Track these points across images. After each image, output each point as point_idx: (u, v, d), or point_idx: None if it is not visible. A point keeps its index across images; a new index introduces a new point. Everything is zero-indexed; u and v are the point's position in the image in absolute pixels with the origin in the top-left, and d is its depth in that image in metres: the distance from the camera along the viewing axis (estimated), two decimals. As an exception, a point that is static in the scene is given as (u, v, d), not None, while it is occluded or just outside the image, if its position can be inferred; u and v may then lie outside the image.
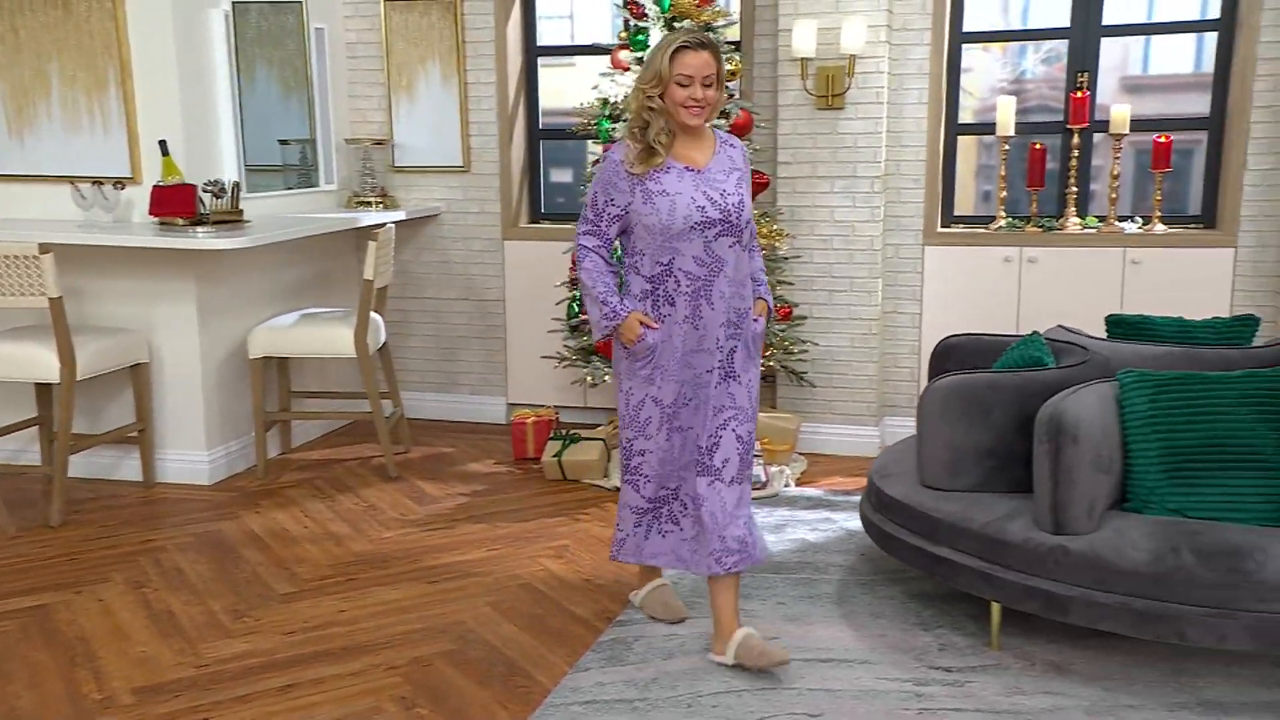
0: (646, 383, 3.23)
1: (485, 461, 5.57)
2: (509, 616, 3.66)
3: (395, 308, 6.35)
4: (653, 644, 3.42)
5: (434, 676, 3.22)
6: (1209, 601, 2.89)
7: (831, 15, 5.24)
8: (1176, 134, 5.33)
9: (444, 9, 6.10)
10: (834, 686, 3.14)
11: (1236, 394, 3.11)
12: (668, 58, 3.05)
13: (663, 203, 3.09)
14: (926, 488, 3.55)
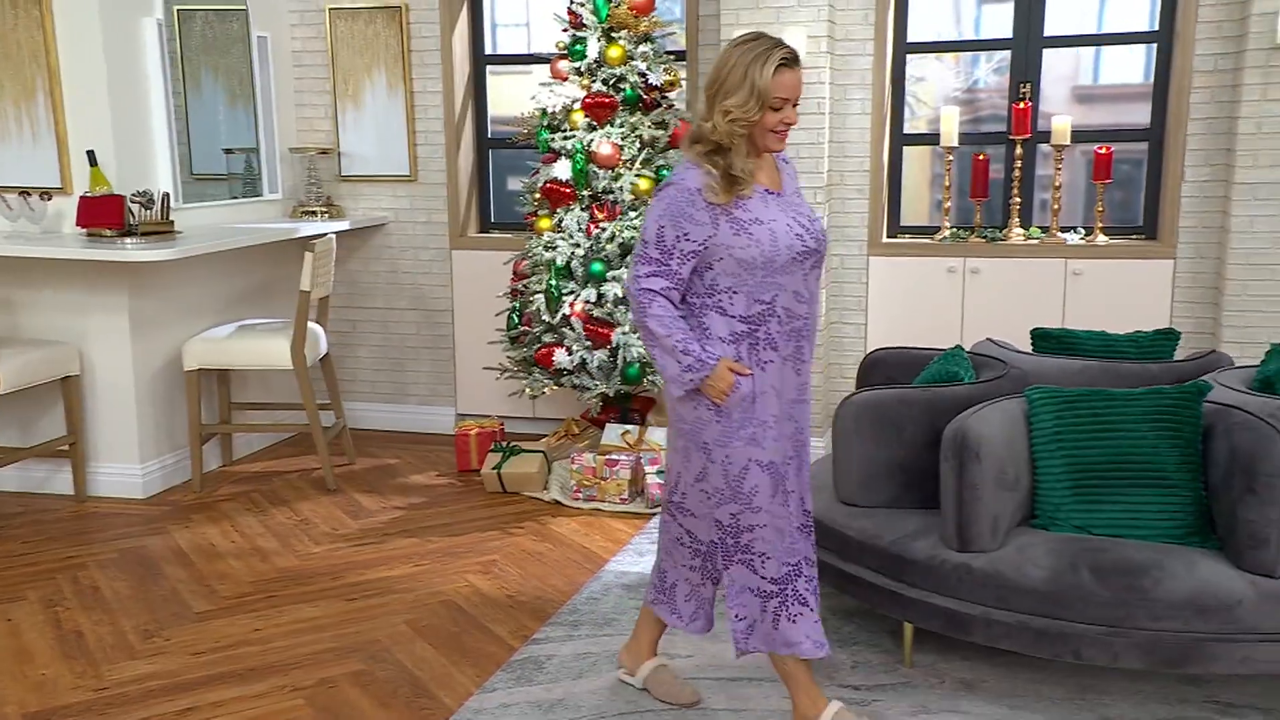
0: (750, 444, 2.75)
1: (428, 473, 5.56)
2: (424, 635, 3.64)
3: (343, 318, 6.35)
4: (565, 664, 3.41)
5: (337, 699, 3.21)
6: (1104, 620, 2.90)
7: (772, 26, 5.23)
8: (1128, 145, 5.35)
9: (389, 18, 6.10)
10: (743, 706, 3.14)
11: (1140, 411, 3.11)
12: (769, 75, 2.61)
13: (760, 232, 2.66)
14: (842, 504, 3.55)
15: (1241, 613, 2.83)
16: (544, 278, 5.15)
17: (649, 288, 2.73)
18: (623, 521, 4.77)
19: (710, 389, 2.71)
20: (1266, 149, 4.71)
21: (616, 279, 5.04)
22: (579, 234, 5.11)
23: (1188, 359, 3.84)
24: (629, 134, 5.08)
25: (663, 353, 2.74)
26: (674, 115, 5.23)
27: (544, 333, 5.21)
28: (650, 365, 5.04)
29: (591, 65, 5.11)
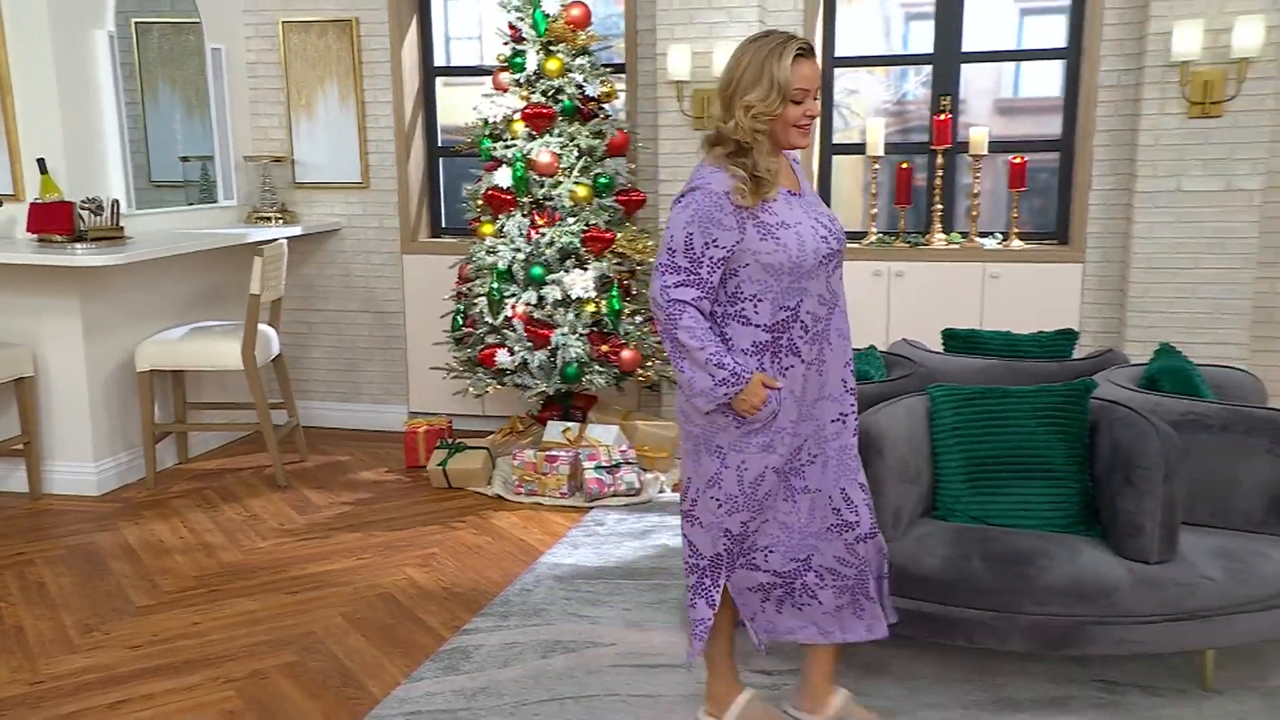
0: (765, 451, 2.57)
1: (378, 470, 5.53)
2: (359, 627, 3.63)
3: (299, 319, 6.32)
4: (492, 653, 3.41)
5: (267, 689, 3.19)
6: (993, 606, 2.93)
7: (704, 40, 5.27)
8: (1044, 154, 5.41)
9: (341, 31, 6.07)
10: (657, 692, 3.15)
11: (1031, 407, 3.15)
12: (788, 68, 2.43)
13: (788, 236, 2.48)
14: (757, 498, 3.55)
15: (1119, 597, 2.86)
16: (487, 281, 5.14)
17: (679, 298, 2.48)
18: (561, 515, 4.77)
19: (742, 404, 2.50)
20: (1164, 159, 4.78)
21: (556, 282, 5.04)
22: (520, 239, 5.10)
23: (1086, 358, 3.89)
24: (567, 143, 5.08)
25: (693, 366, 2.49)
26: (611, 125, 5.24)
27: (487, 334, 5.21)
28: (587, 365, 5.05)
29: (531, 77, 5.11)
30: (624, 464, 4.97)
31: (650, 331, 5.21)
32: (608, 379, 5.09)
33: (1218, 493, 3.09)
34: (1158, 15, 4.68)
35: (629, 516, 4.71)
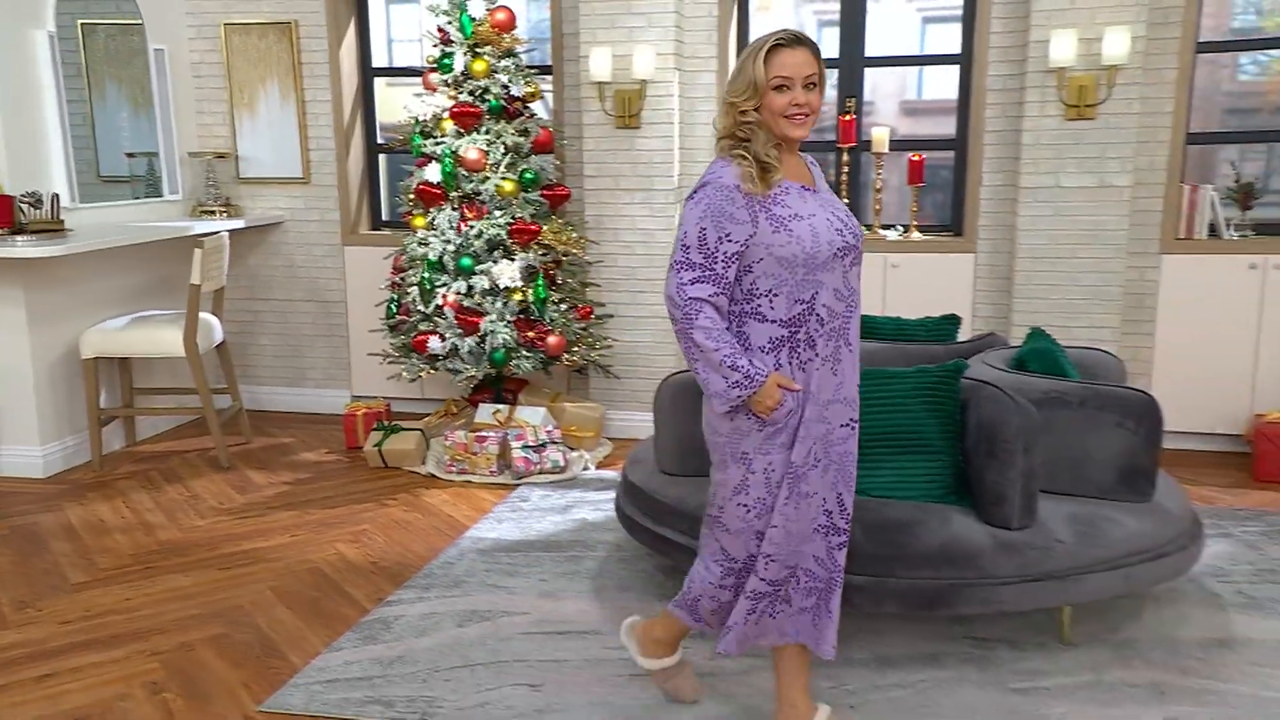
0: (786, 450, 2.44)
1: (319, 451, 5.48)
2: (286, 600, 3.60)
3: (245, 308, 6.24)
4: (411, 623, 3.39)
5: (192, 661, 3.15)
6: (870, 571, 2.96)
7: (625, 43, 5.24)
8: (941, 152, 5.46)
9: (280, 33, 5.97)
10: (563, 657, 3.15)
11: (909, 387, 3.18)
12: (761, 60, 2.32)
13: (800, 228, 2.34)
14: (661, 474, 3.58)
15: (983, 561, 2.92)
16: (419, 271, 5.10)
17: (696, 296, 2.34)
18: (489, 492, 4.75)
19: (757, 405, 2.37)
20: (1045, 157, 4.84)
21: (484, 272, 5.01)
22: (450, 231, 5.07)
23: (968, 341, 3.94)
24: (494, 140, 5.04)
25: (707, 367, 2.37)
26: (536, 123, 5.21)
27: (420, 321, 5.17)
28: (515, 350, 5.03)
29: (459, 78, 5.07)
30: (550, 443, 4.96)
31: (575, 318, 5.20)
32: (534, 364, 5.08)
33: (1075, 463, 3.16)
34: (1037, 25, 4.73)
35: (553, 493, 4.70)
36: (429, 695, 2.91)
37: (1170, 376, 5.07)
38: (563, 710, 2.83)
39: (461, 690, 2.94)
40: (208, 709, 2.88)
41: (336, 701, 2.88)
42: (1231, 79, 5.50)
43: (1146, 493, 3.16)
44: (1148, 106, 4.84)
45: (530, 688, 2.96)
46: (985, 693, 2.89)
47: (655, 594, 3.58)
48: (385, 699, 2.90)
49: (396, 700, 2.89)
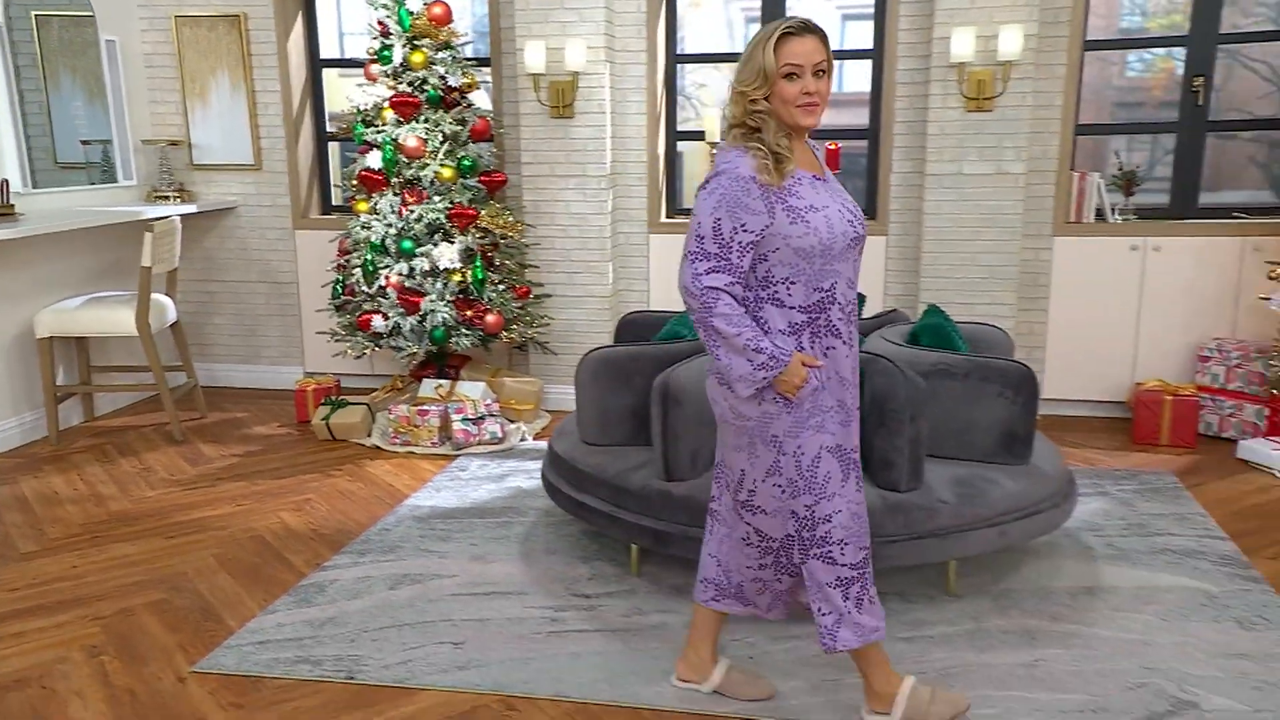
0: (819, 432, 2.32)
1: (271, 425, 5.41)
2: (227, 566, 3.55)
3: (200, 289, 6.14)
4: (345, 587, 3.36)
5: (132, 625, 3.10)
6: (771, 534, 2.98)
7: (558, 37, 5.18)
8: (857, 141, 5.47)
9: (230, 25, 5.84)
10: (486, 616, 3.14)
11: (810, 362, 3.19)
12: (771, 48, 2.18)
13: (817, 219, 2.23)
14: (584, 444, 3.57)
15: (873, 521, 2.94)
16: (362, 253, 5.03)
17: (713, 285, 2.22)
18: (430, 462, 4.72)
19: (782, 384, 2.25)
20: (949, 146, 4.88)
21: (425, 254, 4.96)
22: (392, 215, 5.00)
23: (873, 317, 3.96)
24: (432, 129, 4.97)
25: (730, 352, 2.24)
26: (473, 113, 5.14)
27: (363, 301, 5.11)
28: (454, 328, 4.99)
29: (398, 69, 4.99)
30: (489, 416, 4.93)
31: (513, 298, 5.16)
32: (473, 341, 5.04)
33: (960, 430, 3.20)
34: (940, 22, 4.75)
35: (491, 463, 4.68)
36: (355, 654, 2.89)
37: (1061, 349, 5.15)
38: (481, 665, 2.82)
39: (387, 649, 2.92)
40: (142, 670, 2.83)
41: (266, 661, 2.86)
42: (1121, 75, 5.57)
43: (1024, 456, 3.21)
44: (1040, 100, 4.88)
45: (453, 645, 2.95)
46: (876, 643, 2.92)
47: (579, 557, 3.58)
48: (313, 658, 2.87)
49: (324, 659, 2.87)
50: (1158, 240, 4.96)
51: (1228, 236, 4.90)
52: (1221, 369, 4.78)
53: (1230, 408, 4.75)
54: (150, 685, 2.76)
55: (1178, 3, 5.12)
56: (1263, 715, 2.54)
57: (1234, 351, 4.75)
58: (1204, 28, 4.94)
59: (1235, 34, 5.06)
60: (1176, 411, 4.69)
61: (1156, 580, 3.28)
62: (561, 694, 2.67)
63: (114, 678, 2.80)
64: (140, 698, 2.70)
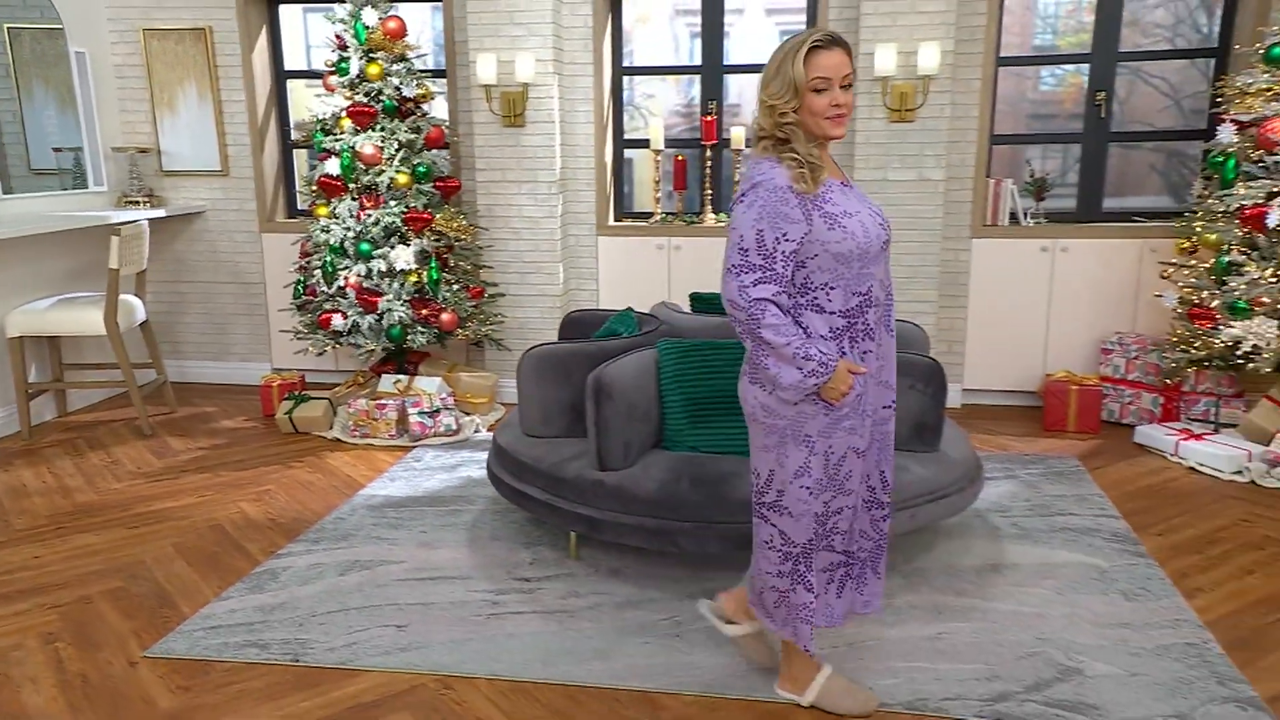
0: (850, 434, 2.25)
1: (238, 419, 5.32)
2: (185, 555, 3.49)
3: (171, 290, 6.04)
4: (297, 573, 3.32)
5: (88, 613, 3.04)
6: (695, 518, 2.98)
7: (508, 50, 5.14)
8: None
9: (196, 38, 5.74)
10: (431, 600, 3.11)
11: (734, 357, 3.17)
12: (800, 62, 2.12)
13: (853, 225, 2.16)
14: (526, 436, 3.55)
15: (791, 508, 2.94)
16: (322, 255, 4.97)
17: (760, 297, 2.14)
18: (388, 453, 4.68)
19: (830, 392, 2.19)
20: (874, 155, 4.90)
21: (382, 256, 4.91)
22: (350, 219, 4.94)
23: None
24: (388, 137, 4.92)
25: (780, 361, 2.17)
26: (427, 122, 5.09)
27: (324, 301, 5.04)
28: (410, 327, 4.94)
29: (355, 80, 4.92)
30: (444, 409, 4.89)
31: (467, 298, 5.12)
32: (429, 338, 5.00)
33: (873, 422, 3.20)
34: (865, 39, 4.77)
35: (445, 454, 4.65)
36: (303, 638, 2.86)
37: (980, 343, 5.21)
38: (422, 647, 2.80)
39: (333, 632, 2.89)
40: (96, 656, 2.78)
41: (216, 646, 2.81)
42: (1035, 89, 5.62)
43: (933, 444, 3.23)
44: (958, 111, 4.92)
45: (396, 628, 2.92)
46: (794, 619, 2.93)
47: (522, 543, 3.56)
48: (262, 642, 2.83)
49: (272, 643, 2.83)
50: (1066, 242, 5.02)
51: (1128, 239, 4.98)
52: (1122, 361, 4.85)
53: (1129, 396, 4.83)
54: (102, 670, 2.70)
55: (1085, 23, 5.18)
56: (1138, 679, 2.58)
57: (1133, 345, 4.83)
58: (1106, 46, 5.01)
59: (1133, 52, 5.14)
60: (1082, 400, 4.75)
61: (1054, 557, 3.32)
62: (496, 673, 2.66)
63: (68, 664, 2.74)
64: (91, 682, 2.64)
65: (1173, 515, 3.71)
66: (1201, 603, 2.99)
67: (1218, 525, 3.61)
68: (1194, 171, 5.11)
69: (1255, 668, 2.63)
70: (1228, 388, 4.59)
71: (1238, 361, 4.20)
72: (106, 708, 2.52)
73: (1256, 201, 4.08)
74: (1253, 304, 4.05)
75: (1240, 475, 4.09)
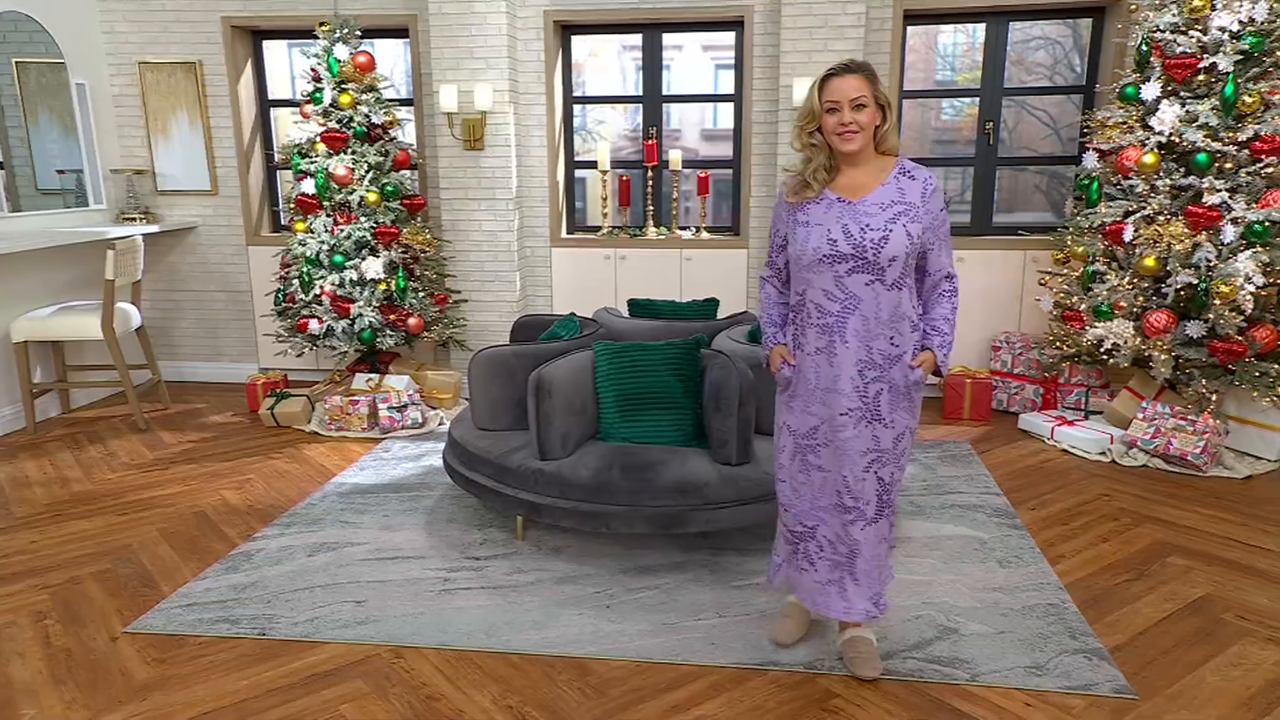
0: (785, 409, 2.37)
1: (226, 414, 5.23)
2: (169, 539, 3.43)
3: (167, 298, 5.92)
4: (269, 555, 3.27)
5: (76, 593, 2.98)
6: (626, 502, 2.98)
7: (468, 81, 5.10)
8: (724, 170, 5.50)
9: (187, 70, 5.63)
10: (388, 577, 3.09)
11: (662, 357, 3.21)
12: (817, 90, 2.19)
13: (802, 233, 2.22)
14: (477, 429, 3.53)
15: (709, 490, 2.96)
16: (300, 266, 4.90)
17: (762, 276, 2.44)
18: (360, 445, 4.62)
19: (769, 362, 2.41)
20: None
21: (354, 267, 4.85)
22: (325, 234, 4.87)
23: (725, 318, 3.97)
24: (359, 159, 4.85)
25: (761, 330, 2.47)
26: (395, 145, 5.03)
27: (302, 308, 4.97)
28: (380, 330, 4.90)
29: (328, 108, 4.85)
30: (411, 404, 4.85)
31: (432, 303, 5.08)
32: (397, 340, 4.95)
33: (782, 414, 3.22)
34: (784, 73, 4.79)
35: (411, 445, 4.61)
36: (270, 614, 2.82)
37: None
38: (378, 621, 2.78)
39: (298, 608, 2.86)
40: (81, 632, 2.72)
41: (191, 621, 2.77)
42: (938, 118, 5.69)
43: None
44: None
45: (355, 604, 2.89)
46: (713, 590, 2.95)
47: (475, 525, 3.54)
48: (233, 618, 2.79)
49: (242, 619, 2.79)
50: (961, 253, 5.09)
51: (1014, 250, 5.05)
52: (1009, 356, 4.94)
53: (1015, 388, 4.92)
54: (85, 645, 2.65)
55: (978, 61, 5.25)
56: (1005, 636, 2.63)
57: (1018, 342, 4.91)
58: (993, 83, 5.08)
59: (1015, 88, 5.21)
60: (975, 392, 4.83)
61: (942, 530, 3.37)
62: (444, 643, 2.64)
63: (54, 639, 2.68)
64: (75, 656, 2.59)
65: (1046, 492, 3.78)
66: (1063, 568, 3.05)
67: (1083, 500, 3.69)
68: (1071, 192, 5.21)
69: (1102, 623, 2.69)
70: (1096, 380, 4.69)
71: (1102, 357, 4.28)
72: (87, 678, 2.47)
73: (1116, 219, 4.17)
74: (1114, 308, 4.14)
75: (1104, 455, 4.18)
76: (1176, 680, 2.40)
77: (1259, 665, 2.47)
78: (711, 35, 5.49)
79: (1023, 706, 2.29)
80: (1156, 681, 2.39)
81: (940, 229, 2.24)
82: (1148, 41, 4.09)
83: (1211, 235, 3.82)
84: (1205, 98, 3.92)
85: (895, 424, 2.25)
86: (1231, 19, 3.80)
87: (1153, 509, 3.57)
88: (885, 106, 2.19)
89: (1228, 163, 3.84)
